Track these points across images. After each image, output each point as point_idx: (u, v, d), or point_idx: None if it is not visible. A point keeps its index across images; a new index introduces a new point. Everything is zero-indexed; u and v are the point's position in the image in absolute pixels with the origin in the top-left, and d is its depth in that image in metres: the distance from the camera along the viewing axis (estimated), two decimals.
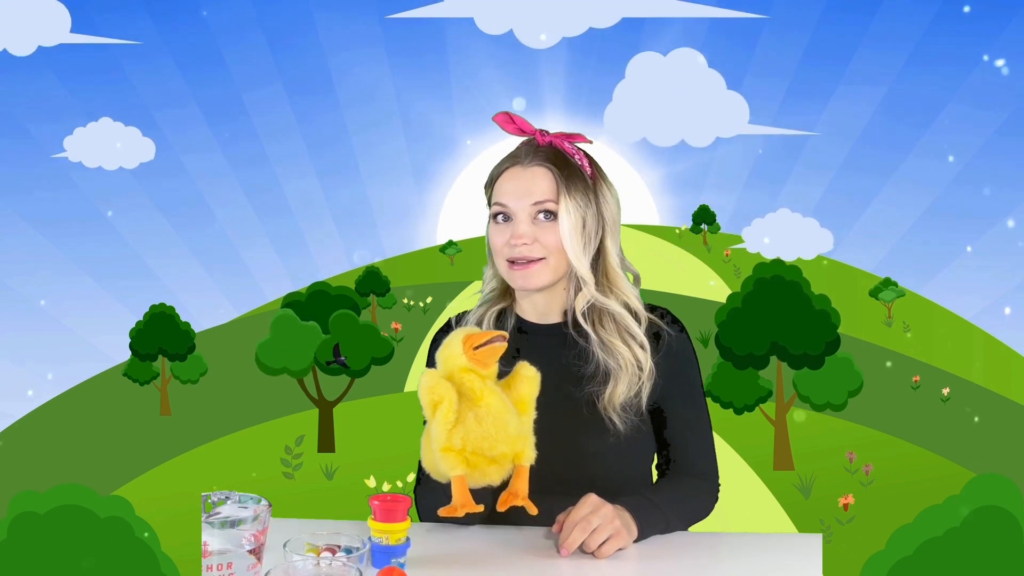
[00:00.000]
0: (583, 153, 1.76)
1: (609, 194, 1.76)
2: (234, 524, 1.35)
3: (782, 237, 9.41)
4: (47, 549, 2.97)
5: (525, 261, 1.71)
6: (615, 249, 1.77)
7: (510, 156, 1.76)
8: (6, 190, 9.41)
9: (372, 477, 7.00)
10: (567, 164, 1.72)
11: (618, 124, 8.97)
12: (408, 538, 1.48)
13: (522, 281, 1.73)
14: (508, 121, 1.76)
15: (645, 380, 1.73)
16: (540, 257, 1.71)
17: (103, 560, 2.98)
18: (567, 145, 1.75)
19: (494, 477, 1.45)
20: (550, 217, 1.70)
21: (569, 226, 1.70)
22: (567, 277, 1.76)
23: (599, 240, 1.74)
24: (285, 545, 1.35)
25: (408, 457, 1.78)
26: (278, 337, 8.00)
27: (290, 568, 1.25)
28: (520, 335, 1.80)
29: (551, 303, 1.79)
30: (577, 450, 1.72)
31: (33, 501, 3.00)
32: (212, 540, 1.35)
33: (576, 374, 1.75)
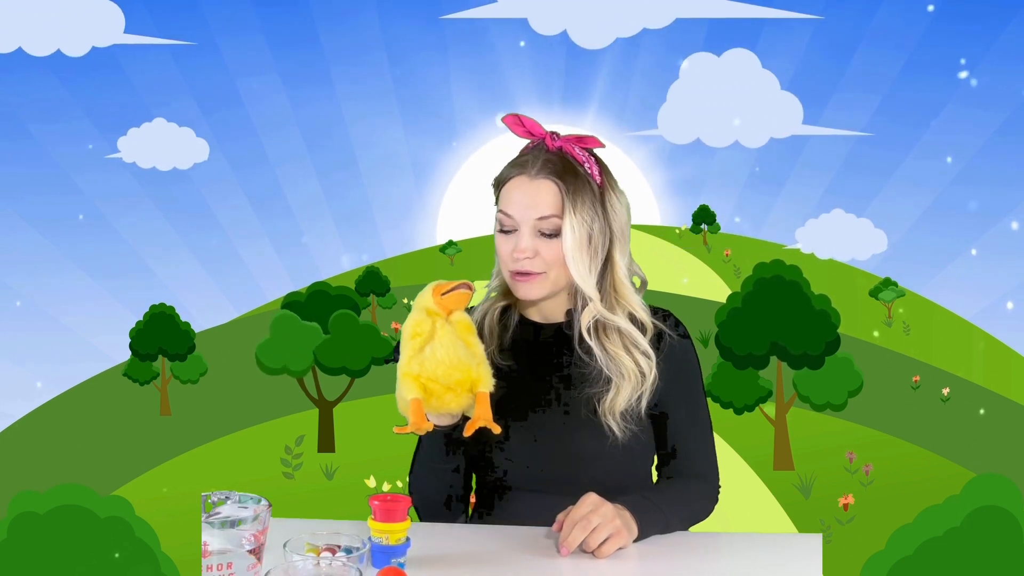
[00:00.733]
0: (594, 159, 1.72)
1: (618, 203, 1.72)
2: (234, 524, 1.35)
3: (836, 238, 9.37)
4: (47, 549, 2.97)
5: (527, 273, 1.69)
6: (623, 260, 1.73)
7: (519, 163, 1.72)
8: (63, 189, 9.41)
9: (372, 477, 7.00)
10: (575, 177, 1.68)
11: (672, 125, 8.97)
12: (408, 538, 1.48)
13: (521, 292, 1.72)
14: (517, 123, 1.73)
15: (647, 388, 1.72)
16: (540, 272, 1.69)
17: (103, 560, 2.98)
18: (577, 151, 1.70)
19: (452, 405, 1.57)
20: (554, 232, 1.68)
21: (573, 243, 1.67)
22: (573, 285, 1.74)
23: (606, 252, 1.72)
24: (285, 545, 1.35)
25: (408, 457, 1.78)
26: (278, 337, 8.00)
27: (290, 568, 1.25)
28: (522, 333, 1.80)
29: (554, 304, 1.78)
30: (575, 451, 1.72)
31: (33, 501, 3.00)
32: (212, 540, 1.35)
33: (576, 375, 1.74)
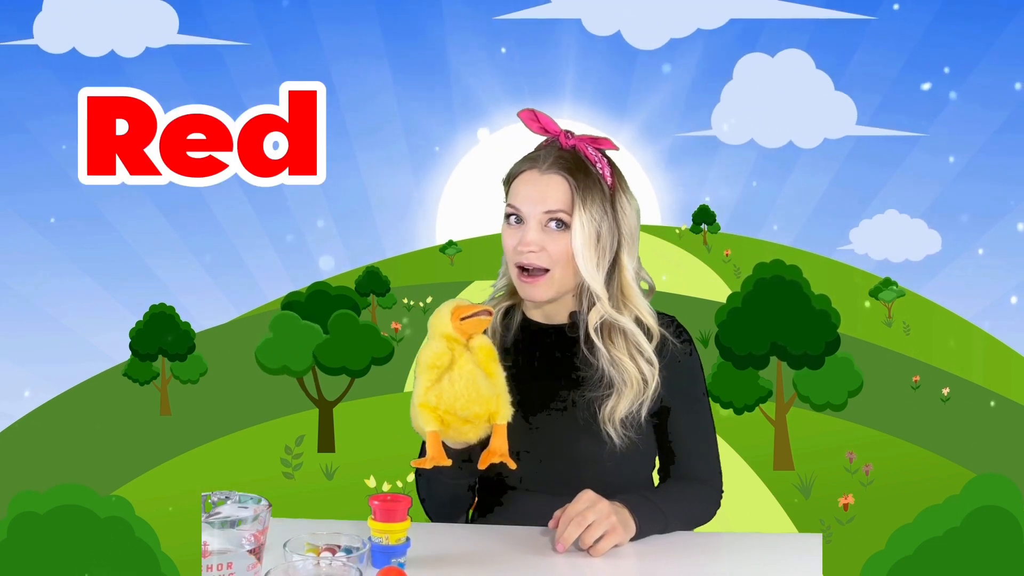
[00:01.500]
0: (606, 160, 1.72)
1: (628, 205, 1.72)
2: (234, 524, 1.35)
3: (890, 239, 9.36)
4: (47, 549, 2.97)
5: (532, 269, 1.69)
6: (631, 263, 1.73)
7: (530, 157, 1.72)
8: (110, 192, 9.39)
9: (372, 477, 6.99)
10: (586, 174, 1.68)
11: (726, 125, 8.97)
12: (408, 538, 1.48)
13: (527, 292, 1.71)
14: (532, 119, 1.73)
15: (649, 395, 1.72)
16: (545, 268, 1.68)
17: (103, 560, 2.98)
18: (590, 151, 1.70)
19: (470, 436, 1.54)
20: (561, 227, 1.67)
21: (582, 239, 1.66)
22: (579, 287, 1.73)
23: (614, 253, 1.71)
24: (285, 545, 1.35)
25: (408, 457, 1.78)
26: (278, 337, 8.00)
27: (290, 568, 1.25)
28: (524, 334, 1.80)
29: (558, 306, 1.77)
30: (574, 453, 1.71)
31: (33, 501, 3.00)
32: (212, 540, 1.35)
33: (577, 377, 1.74)
